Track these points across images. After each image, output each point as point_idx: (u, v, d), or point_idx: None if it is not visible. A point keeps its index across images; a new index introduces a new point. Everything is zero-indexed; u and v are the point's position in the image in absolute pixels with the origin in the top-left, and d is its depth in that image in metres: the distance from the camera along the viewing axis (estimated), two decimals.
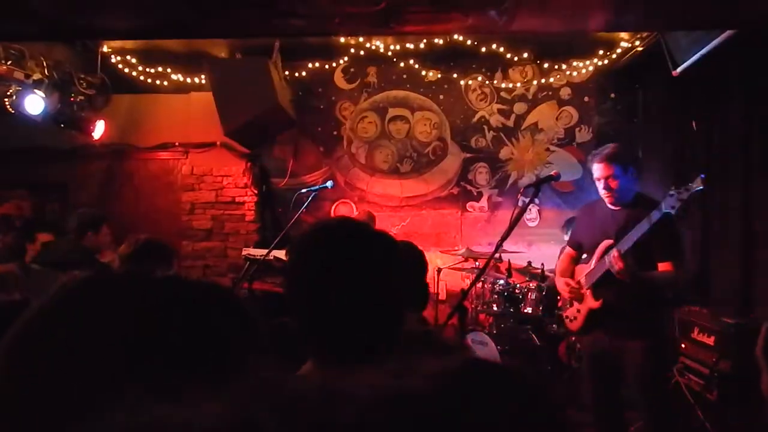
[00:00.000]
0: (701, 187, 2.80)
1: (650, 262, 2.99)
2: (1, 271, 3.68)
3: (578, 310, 3.23)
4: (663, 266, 2.98)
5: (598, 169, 3.09)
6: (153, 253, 2.67)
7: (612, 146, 3.14)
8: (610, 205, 3.14)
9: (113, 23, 3.40)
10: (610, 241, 3.05)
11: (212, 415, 0.41)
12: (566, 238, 5.25)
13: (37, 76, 5.06)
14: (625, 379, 3.09)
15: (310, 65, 6.02)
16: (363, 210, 5.77)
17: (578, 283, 3.23)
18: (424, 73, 6.07)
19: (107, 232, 5.09)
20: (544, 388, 0.51)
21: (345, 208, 6.14)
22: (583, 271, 3.25)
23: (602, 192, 3.12)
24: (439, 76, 6.07)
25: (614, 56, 5.68)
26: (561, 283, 3.33)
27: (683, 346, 4.23)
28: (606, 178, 3.06)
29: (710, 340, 4.08)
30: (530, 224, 6.02)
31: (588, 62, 5.81)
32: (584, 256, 3.33)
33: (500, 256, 4.96)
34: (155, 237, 2.89)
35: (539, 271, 5.05)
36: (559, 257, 3.56)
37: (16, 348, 0.55)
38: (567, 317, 3.36)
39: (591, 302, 3.13)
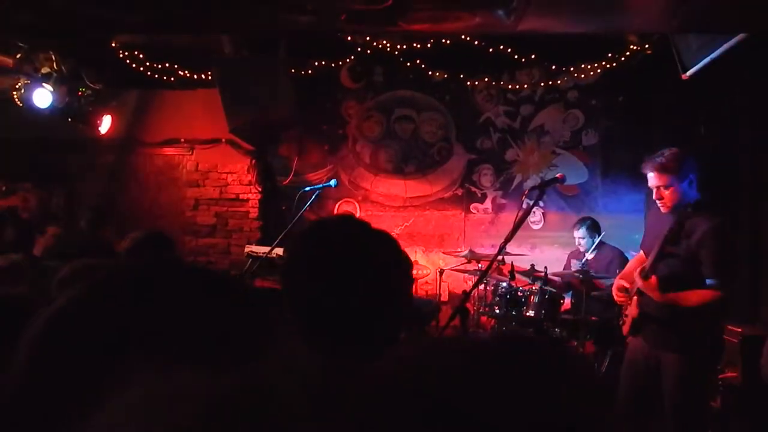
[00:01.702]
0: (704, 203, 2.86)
1: (697, 276, 2.82)
2: (5, 263, 3.69)
3: (626, 315, 3.18)
4: (707, 282, 2.82)
5: (650, 178, 2.91)
6: (152, 246, 2.66)
7: (669, 154, 2.85)
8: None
9: (118, 17, 3.41)
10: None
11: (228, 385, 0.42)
12: (576, 234, 5.20)
13: (45, 69, 5.08)
14: (660, 393, 2.98)
15: (316, 63, 6.01)
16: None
17: (631, 287, 3.15)
18: (430, 73, 6.04)
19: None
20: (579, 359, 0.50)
21: (348, 207, 6.13)
22: None
23: (656, 201, 2.95)
24: (446, 76, 6.05)
25: (623, 59, 5.64)
26: (614, 285, 3.26)
27: None
28: (658, 188, 2.88)
29: None
30: (534, 227, 5.99)
31: (596, 64, 5.77)
32: None
33: (503, 259, 4.93)
34: (154, 230, 2.88)
35: (542, 274, 5.01)
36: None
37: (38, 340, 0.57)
38: (621, 318, 3.29)
39: (633, 309, 3.08)
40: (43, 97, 4.97)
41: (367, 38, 5.73)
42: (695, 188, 2.90)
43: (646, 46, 5.49)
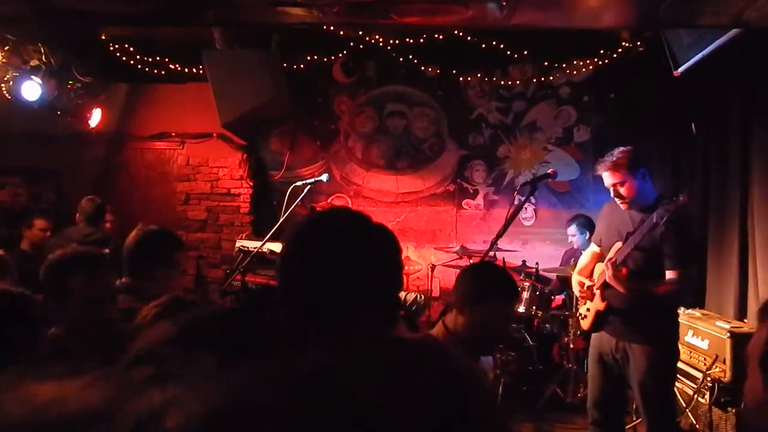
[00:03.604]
0: (686, 202, 2.88)
1: (659, 268, 2.93)
2: None
3: (588, 309, 3.23)
4: (669, 274, 2.92)
5: (605, 178, 3.03)
6: (149, 250, 2.57)
7: (618, 152, 3.00)
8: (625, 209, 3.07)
9: (107, 8, 3.37)
10: (620, 244, 3.01)
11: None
12: (568, 231, 5.22)
13: (34, 62, 5.03)
14: (628, 382, 3.05)
15: (308, 58, 5.99)
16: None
17: (592, 281, 3.21)
18: (423, 68, 6.03)
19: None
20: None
21: (340, 203, 6.11)
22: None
23: (615, 199, 3.06)
24: (438, 72, 6.04)
25: (615, 55, 5.65)
26: (574, 281, 3.32)
27: None
28: (614, 186, 2.99)
29: (704, 344, 4.06)
30: (526, 223, 6.00)
31: (588, 61, 5.78)
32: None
33: (495, 255, 4.93)
34: (153, 230, 2.74)
35: (534, 270, 5.03)
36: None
37: None
38: (580, 314, 3.35)
39: (598, 303, 3.12)
40: (31, 90, 4.91)
41: (360, 33, 5.70)
42: (649, 180, 3.01)
43: (638, 42, 5.50)
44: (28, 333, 1.64)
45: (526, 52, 5.84)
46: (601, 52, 5.69)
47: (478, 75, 6.03)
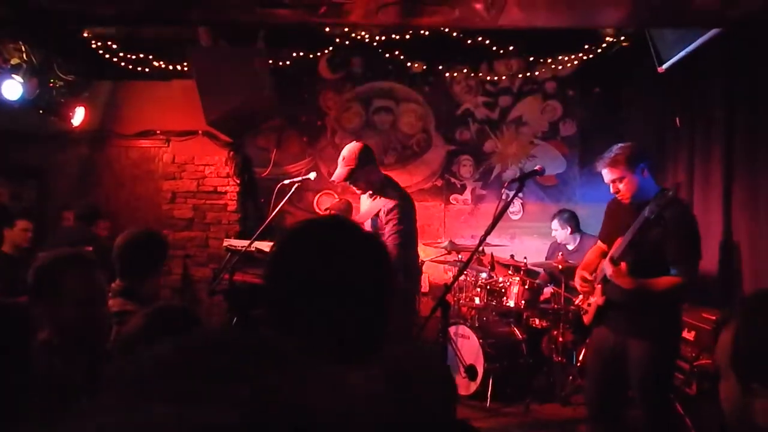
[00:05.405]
0: (674, 195, 2.89)
1: (659, 262, 2.89)
2: None
3: (589, 304, 3.23)
4: (673, 268, 2.89)
5: (604, 175, 3.00)
6: (144, 253, 2.56)
7: (617, 148, 2.97)
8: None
9: (93, 9, 3.32)
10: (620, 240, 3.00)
11: None
12: (552, 226, 5.28)
13: (15, 60, 4.94)
14: (626, 377, 3.03)
15: (294, 54, 5.95)
16: (343, 199, 5.74)
17: (594, 276, 3.20)
18: (409, 64, 6.03)
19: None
20: None
21: (328, 199, 6.10)
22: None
23: (615, 195, 3.04)
24: (425, 67, 6.04)
25: (599, 50, 5.70)
26: (577, 276, 3.31)
27: None
28: (613, 182, 2.97)
29: (690, 335, 4.13)
30: (513, 217, 6.04)
31: (573, 56, 5.82)
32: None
33: (483, 249, 4.97)
34: (145, 233, 2.72)
35: (523, 264, 5.07)
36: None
37: None
38: (582, 308, 3.34)
39: (598, 298, 3.12)
40: (12, 88, 4.82)
41: (345, 29, 5.68)
42: (649, 176, 2.99)
43: (622, 38, 5.54)
44: (16, 343, 1.62)
45: (511, 48, 5.86)
46: (586, 47, 5.73)
47: (464, 70, 6.04)
